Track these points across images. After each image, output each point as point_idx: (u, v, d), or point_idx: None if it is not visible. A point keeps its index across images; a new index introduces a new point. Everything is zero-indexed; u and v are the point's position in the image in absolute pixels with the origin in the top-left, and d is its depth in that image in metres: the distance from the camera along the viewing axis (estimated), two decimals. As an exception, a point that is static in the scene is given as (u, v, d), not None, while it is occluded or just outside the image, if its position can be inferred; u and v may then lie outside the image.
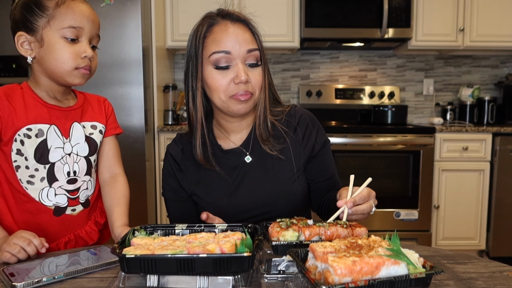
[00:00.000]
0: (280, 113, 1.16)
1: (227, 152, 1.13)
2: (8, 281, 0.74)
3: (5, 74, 2.53)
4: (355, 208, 0.88)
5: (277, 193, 1.10)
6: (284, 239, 0.78)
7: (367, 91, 3.40)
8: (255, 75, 1.05)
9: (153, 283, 0.73)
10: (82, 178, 1.11)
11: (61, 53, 1.00)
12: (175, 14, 2.98)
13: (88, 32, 1.03)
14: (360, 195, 0.90)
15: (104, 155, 1.17)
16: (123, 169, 1.20)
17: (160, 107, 2.88)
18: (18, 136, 1.01)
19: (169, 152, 1.18)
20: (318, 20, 3.00)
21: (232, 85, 1.03)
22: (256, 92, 1.07)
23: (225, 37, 1.03)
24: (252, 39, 1.06)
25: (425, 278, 0.61)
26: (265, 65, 1.09)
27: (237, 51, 1.02)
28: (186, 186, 1.15)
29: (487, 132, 2.84)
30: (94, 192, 1.15)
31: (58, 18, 1.00)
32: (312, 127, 1.16)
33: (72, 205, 1.10)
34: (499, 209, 2.87)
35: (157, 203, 2.83)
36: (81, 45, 1.02)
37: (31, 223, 1.05)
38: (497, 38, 3.07)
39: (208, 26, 1.06)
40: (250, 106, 1.08)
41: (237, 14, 1.07)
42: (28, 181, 1.04)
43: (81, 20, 1.01)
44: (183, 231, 0.87)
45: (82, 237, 1.13)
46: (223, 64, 1.03)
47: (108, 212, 1.12)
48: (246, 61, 1.04)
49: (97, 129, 1.14)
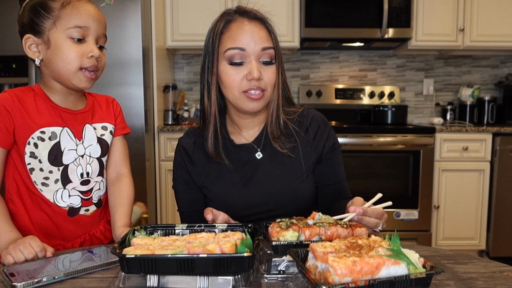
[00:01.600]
0: (293, 113, 1.17)
1: (238, 146, 1.15)
2: (8, 281, 0.74)
3: (5, 74, 2.53)
4: (362, 217, 0.88)
5: (285, 191, 1.11)
6: (284, 239, 0.78)
7: (367, 91, 3.40)
8: (268, 73, 1.07)
9: (153, 283, 0.73)
10: (95, 179, 1.12)
11: (67, 53, 1.00)
12: (175, 14, 2.98)
13: (95, 32, 1.03)
14: (373, 210, 0.89)
15: (111, 155, 1.17)
16: (129, 170, 1.20)
17: (160, 107, 2.88)
18: (31, 139, 1.02)
19: (181, 144, 1.19)
20: (318, 20, 3.00)
21: (245, 81, 1.05)
22: (268, 89, 1.08)
23: (240, 34, 1.05)
24: (268, 37, 1.08)
25: (425, 278, 0.61)
26: (280, 64, 1.11)
27: (252, 48, 1.04)
28: (197, 178, 1.15)
29: (487, 132, 2.84)
30: (105, 192, 1.16)
31: (64, 19, 1.00)
32: (323, 129, 1.17)
33: (86, 206, 1.10)
34: (499, 209, 2.87)
35: (157, 203, 2.83)
36: (88, 44, 1.02)
37: (46, 223, 1.06)
38: (497, 38, 3.07)
39: (226, 23, 1.08)
40: (262, 104, 1.09)
41: (255, 12, 1.09)
42: (43, 183, 1.04)
43: (87, 20, 1.01)
44: (183, 231, 0.87)
45: (97, 237, 1.14)
46: (237, 60, 1.05)
47: (111, 212, 1.13)
48: (260, 59, 1.06)
49: (107, 130, 1.15)
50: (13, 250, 0.87)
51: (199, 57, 3.43)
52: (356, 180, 2.83)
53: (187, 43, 3.03)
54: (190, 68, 3.46)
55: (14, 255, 0.86)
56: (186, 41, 3.02)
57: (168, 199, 2.85)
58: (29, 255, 0.87)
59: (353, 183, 1.76)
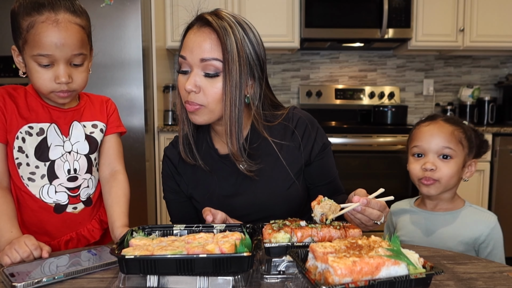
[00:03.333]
0: (278, 116, 1.12)
1: (222, 157, 1.12)
2: (8, 282, 0.74)
3: (5, 75, 2.53)
4: (365, 208, 0.87)
5: (272, 199, 1.09)
6: (275, 241, 0.78)
7: (367, 92, 3.40)
8: (208, 86, 0.99)
9: (153, 284, 0.73)
10: (83, 176, 1.11)
11: (36, 78, 0.98)
12: (175, 14, 2.98)
13: (62, 57, 0.96)
14: (376, 201, 0.88)
15: (104, 153, 1.17)
16: (124, 167, 1.19)
17: (160, 107, 2.88)
18: (20, 133, 1.03)
19: (166, 154, 1.18)
20: (318, 20, 3.00)
21: (184, 92, 1.01)
22: (210, 104, 1.00)
23: (187, 41, 1.01)
24: (214, 48, 0.98)
25: (425, 279, 0.61)
26: (236, 77, 0.98)
27: (192, 58, 0.99)
28: (184, 188, 1.15)
29: (487, 133, 2.83)
30: (96, 191, 1.16)
31: (28, 44, 0.95)
32: (311, 129, 1.12)
33: (73, 203, 1.10)
34: (499, 210, 2.87)
35: (157, 203, 2.83)
36: (55, 69, 0.97)
37: (32, 220, 1.06)
38: (497, 38, 3.06)
39: (186, 29, 1.04)
40: (204, 119, 1.03)
41: (208, 19, 0.99)
42: (29, 178, 1.05)
43: (49, 47, 0.94)
44: (181, 231, 0.87)
45: (84, 236, 1.13)
46: (184, 69, 1.02)
47: (108, 211, 1.12)
48: (203, 70, 0.99)
49: (97, 128, 1.14)
50: (9, 250, 0.87)
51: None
52: (356, 180, 2.83)
53: (187, 43, 3.03)
54: (190, 68, 3.46)
55: (10, 255, 0.86)
56: (186, 41, 3.02)
57: (168, 199, 2.85)
58: (24, 254, 0.87)
59: (353, 183, 1.75)
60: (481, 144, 1.23)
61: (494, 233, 1.16)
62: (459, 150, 1.17)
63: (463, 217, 1.20)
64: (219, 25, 0.98)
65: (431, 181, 1.17)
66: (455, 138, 1.17)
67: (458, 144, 1.17)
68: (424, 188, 1.19)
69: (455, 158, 1.17)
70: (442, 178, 1.16)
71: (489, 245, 1.16)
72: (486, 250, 1.16)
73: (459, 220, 1.20)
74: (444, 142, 1.17)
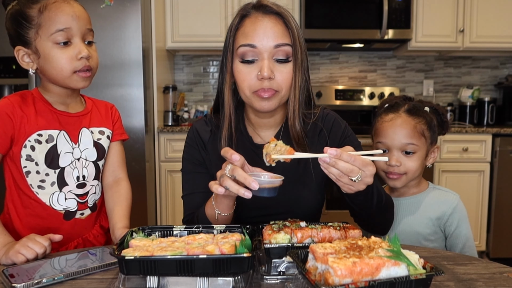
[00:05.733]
0: (312, 115, 1.10)
1: (256, 146, 1.10)
2: (8, 282, 0.74)
3: (5, 75, 2.53)
4: (335, 160, 0.78)
5: (295, 197, 1.08)
6: (275, 241, 0.78)
7: (367, 92, 3.40)
8: (282, 72, 0.99)
9: (153, 284, 0.72)
10: (91, 182, 1.12)
11: (57, 60, 0.99)
12: (175, 15, 2.98)
13: (78, 30, 1.01)
14: (351, 156, 0.79)
15: (109, 160, 1.17)
16: (127, 175, 1.20)
17: (160, 108, 2.88)
18: (28, 142, 1.02)
19: (195, 127, 1.14)
20: (318, 21, 3.00)
21: (256, 80, 0.99)
22: (283, 89, 1.00)
23: (252, 30, 0.98)
24: (284, 33, 1.00)
25: (425, 279, 0.61)
26: (301, 62, 1.02)
27: (264, 45, 0.97)
28: (209, 165, 1.11)
29: (487, 133, 2.84)
30: (100, 196, 1.16)
31: (44, 25, 0.98)
32: (346, 132, 1.12)
33: (81, 209, 1.11)
34: (499, 210, 2.87)
35: (157, 204, 2.83)
36: (75, 46, 1.01)
37: (40, 228, 1.05)
38: (496, 39, 3.07)
39: (241, 18, 1.02)
40: (275, 104, 1.01)
41: (271, 6, 1.00)
42: (39, 185, 1.05)
43: (66, 20, 0.99)
44: (181, 232, 0.87)
45: (90, 241, 1.13)
46: (249, 58, 0.99)
47: (109, 214, 1.13)
48: (274, 56, 0.99)
49: (104, 135, 1.15)
50: (23, 248, 0.88)
51: (199, 58, 3.44)
52: (356, 181, 2.82)
53: (187, 44, 3.04)
54: (190, 69, 3.46)
55: (25, 253, 0.87)
56: (186, 42, 3.02)
57: (168, 200, 2.85)
58: (40, 250, 0.88)
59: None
60: (442, 123, 1.26)
61: (457, 212, 1.20)
62: (421, 144, 1.20)
63: (428, 200, 1.24)
64: (283, 11, 1.01)
65: (397, 175, 1.21)
66: (417, 132, 1.20)
67: (421, 138, 1.20)
68: (390, 182, 1.24)
69: (418, 152, 1.21)
70: (407, 172, 1.20)
71: (453, 223, 1.20)
72: (451, 228, 1.20)
73: (424, 204, 1.24)
74: (407, 139, 1.19)
